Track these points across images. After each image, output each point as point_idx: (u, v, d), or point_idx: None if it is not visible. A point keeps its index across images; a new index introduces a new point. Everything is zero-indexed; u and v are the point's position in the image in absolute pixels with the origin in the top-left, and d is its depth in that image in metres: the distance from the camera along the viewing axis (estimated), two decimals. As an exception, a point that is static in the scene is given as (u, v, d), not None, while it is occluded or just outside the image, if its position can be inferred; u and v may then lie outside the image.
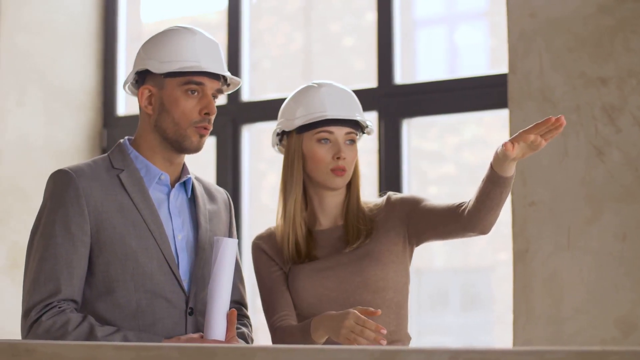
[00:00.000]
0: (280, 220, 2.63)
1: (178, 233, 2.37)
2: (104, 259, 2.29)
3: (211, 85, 2.37)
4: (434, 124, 8.57)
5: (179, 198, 2.41)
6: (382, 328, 2.31)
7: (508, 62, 3.30)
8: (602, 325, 3.08)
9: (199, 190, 2.46)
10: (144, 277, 2.29)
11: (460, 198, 2.50)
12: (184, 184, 2.43)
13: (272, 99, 4.21)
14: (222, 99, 3.52)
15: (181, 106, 2.34)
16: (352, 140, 2.62)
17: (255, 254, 2.66)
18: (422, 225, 2.57)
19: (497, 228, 2.50)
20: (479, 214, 2.40)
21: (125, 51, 4.54)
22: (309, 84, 2.69)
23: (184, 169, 2.44)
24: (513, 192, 3.22)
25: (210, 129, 2.38)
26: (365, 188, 2.71)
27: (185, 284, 2.35)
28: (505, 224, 3.19)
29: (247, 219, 4.14)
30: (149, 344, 2.07)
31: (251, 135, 4.22)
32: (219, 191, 2.56)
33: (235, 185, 4.11)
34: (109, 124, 4.46)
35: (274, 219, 2.67)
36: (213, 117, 2.38)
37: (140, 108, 2.41)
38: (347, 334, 2.32)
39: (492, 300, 8.59)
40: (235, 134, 4.13)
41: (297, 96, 2.66)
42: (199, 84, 2.35)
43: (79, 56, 4.43)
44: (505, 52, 3.33)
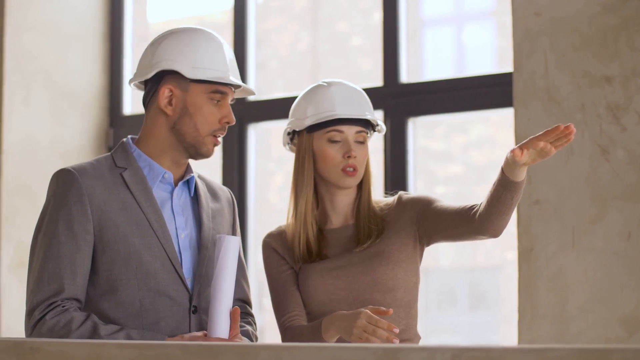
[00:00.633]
0: (292, 219, 2.63)
1: (181, 231, 2.37)
2: (107, 257, 2.29)
3: (231, 95, 2.40)
4: (440, 123, 8.57)
5: (182, 196, 2.41)
6: (395, 327, 2.30)
7: (513, 61, 3.30)
8: (607, 324, 3.08)
9: (201, 188, 2.46)
10: (147, 276, 2.30)
11: (468, 198, 2.49)
12: (187, 183, 2.43)
13: (278, 98, 4.22)
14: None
15: (205, 113, 2.35)
16: (363, 139, 2.61)
17: (265, 252, 2.66)
18: (433, 226, 2.56)
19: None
20: (490, 217, 2.39)
21: (131, 51, 4.55)
22: (319, 83, 2.68)
23: (187, 168, 2.44)
24: (518, 191, 3.21)
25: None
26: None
27: (188, 282, 2.34)
28: (511, 222, 3.19)
29: (253, 218, 4.14)
30: (152, 342, 2.07)
31: (257, 135, 4.22)
32: (223, 190, 2.56)
33: (241, 184, 4.11)
34: (115, 123, 4.46)
35: (282, 218, 2.67)
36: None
37: (149, 106, 2.40)
38: (360, 334, 2.32)
39: (500, 299, 8.59)
40: (241, 133, 4.14)
41: (307, 95, 2.65)
42: (223, 93, 2.37)
43: (85, 56, 4.44)
44: (511, 52, 3.33)
